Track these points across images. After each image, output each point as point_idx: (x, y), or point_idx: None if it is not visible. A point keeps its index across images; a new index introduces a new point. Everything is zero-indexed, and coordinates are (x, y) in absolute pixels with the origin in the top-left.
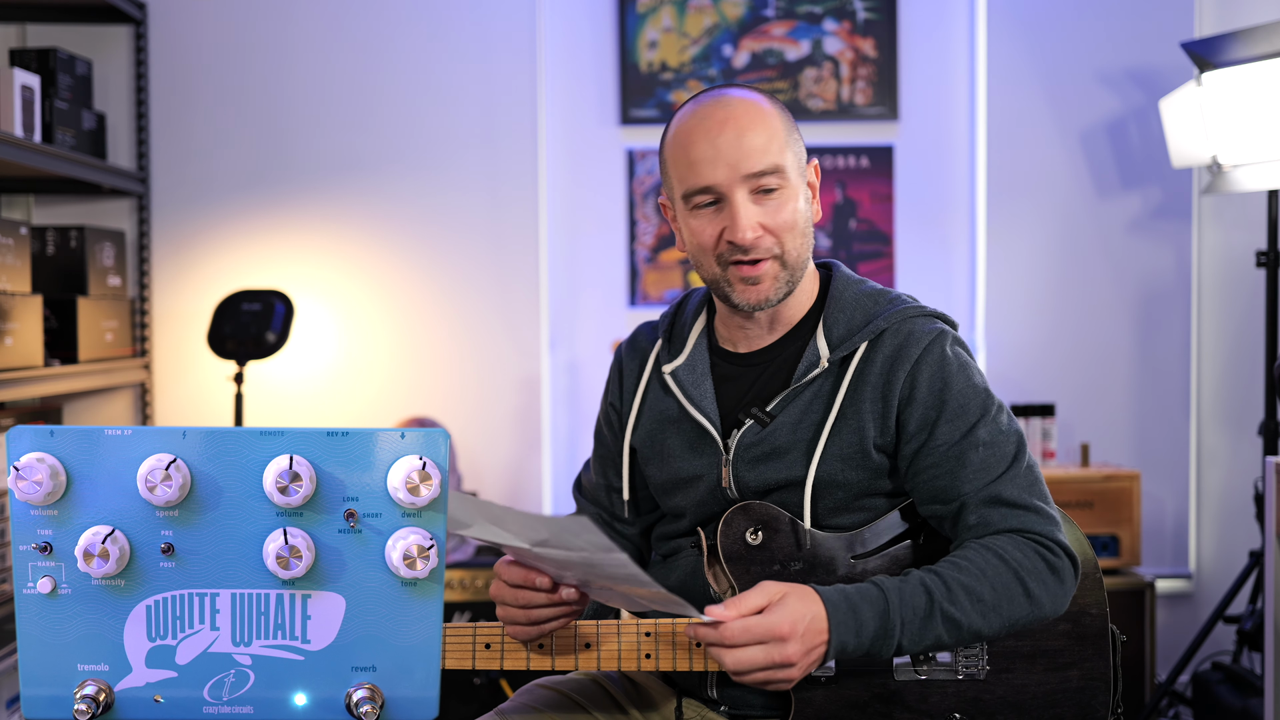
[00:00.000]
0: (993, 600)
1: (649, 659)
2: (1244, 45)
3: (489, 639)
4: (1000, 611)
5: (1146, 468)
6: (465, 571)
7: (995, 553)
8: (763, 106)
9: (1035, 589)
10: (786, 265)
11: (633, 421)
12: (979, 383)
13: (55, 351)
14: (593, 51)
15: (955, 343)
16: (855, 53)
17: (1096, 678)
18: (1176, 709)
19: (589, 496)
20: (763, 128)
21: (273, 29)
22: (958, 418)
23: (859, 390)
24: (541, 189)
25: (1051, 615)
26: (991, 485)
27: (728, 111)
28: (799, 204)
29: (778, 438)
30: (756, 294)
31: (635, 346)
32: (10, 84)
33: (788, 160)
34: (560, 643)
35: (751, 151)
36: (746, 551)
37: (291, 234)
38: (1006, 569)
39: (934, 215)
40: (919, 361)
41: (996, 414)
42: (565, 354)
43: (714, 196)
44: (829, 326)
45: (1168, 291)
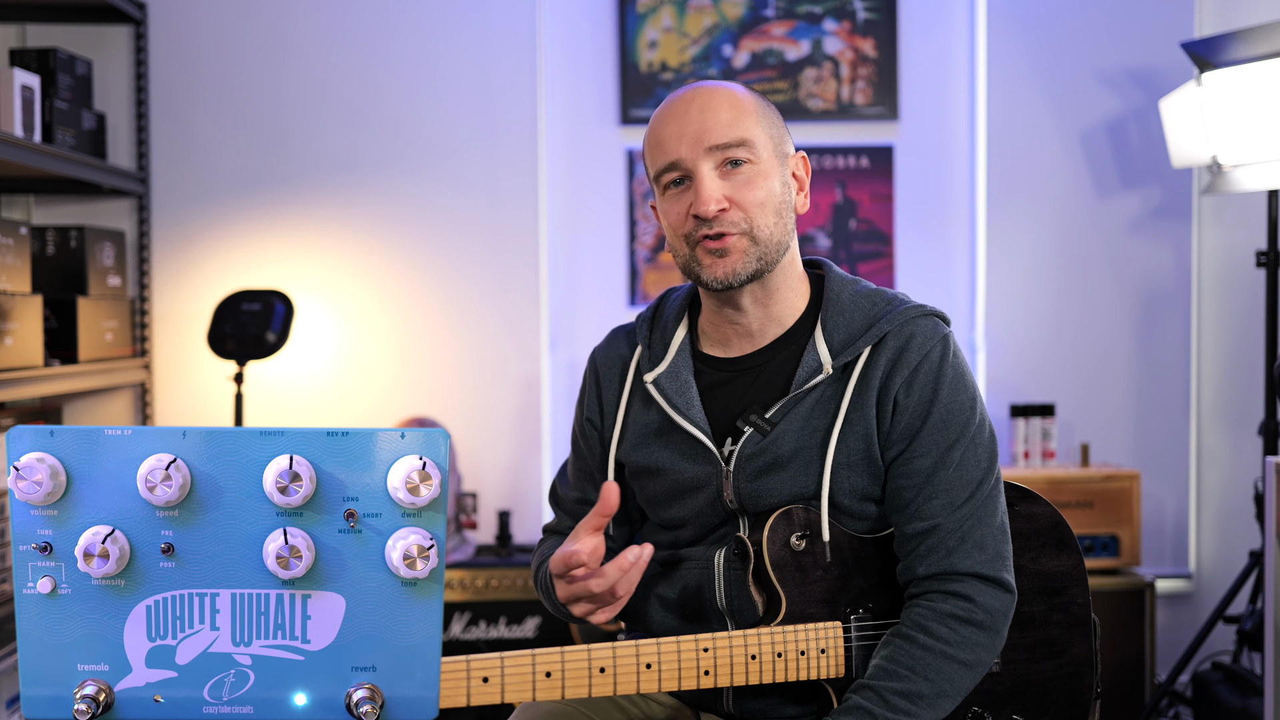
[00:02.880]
0: (932, 691)
1: (708, 675)
2: (1244, 45)
3: (486, 672)
4: (944, 694)
5: (1146, 468)
6: (465, 571)
7: (919, 645)
8: (735, 91)
9: (968, 657)
10: (757, 242)
11: (617, 435)
12: (966, 396)
13: (55, 351)
14: (593, 51)
15: (954, 348)
16: (855, 53)
17: (1082, 661)
18: (1176, 709)
19: (566, 510)
20: (729, 105)
21: (273, 29)
22: (938, 432)
23: (864, 394)
24: (541, 189)
25: (992, 661)
26: (948, 522)
27: (695, 93)
28: (772, 184)
29: (780, 447)
30: (724, 267)
31: (611, 354)
32: (10, 84)
33: (758, 137)
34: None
35: (716, 125)
36: (792, 558)
37: (291, 234)
38: (935, 656)
39: (934, 215)
40: (917, 369)
41: (976, 431)
42: (565, 354)
43: (681, 173)
44: (829, 331)
45: (1168, 291)
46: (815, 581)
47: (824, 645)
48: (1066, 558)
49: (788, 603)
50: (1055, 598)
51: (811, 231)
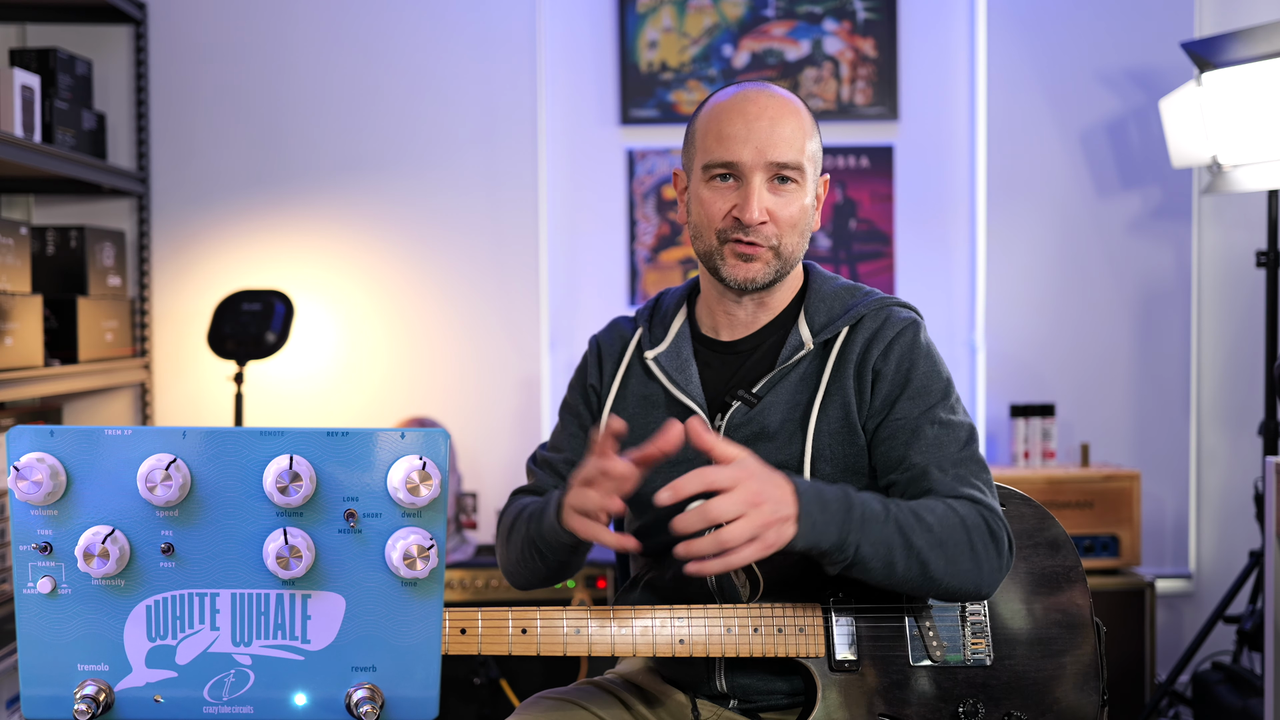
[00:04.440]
0: (940, 536)
1: (683, 644)
2: (1244, 45)
3: (464, 624)
4: (945, 549)
5: (1146, 468)
6: (465, 571)
7: (947, 505)
8: (799, 109)
9: (979, 547)
10: (780, 257)
11: (610, 402)
12: (943, 372)
13: (55, 351)
14: (593, 51)
15: (927, 335)
16: (855, 53)
17: (1086, 665)
18: (1176, 709)
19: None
20: (796, 125)
21: (272, 29)
22: (919, 396)
23: (842, 369)
24: (541, 189)
25: (987, 586)
26: (943, 460)
27: (769, 99)
28: (806, 204)
29: (766, 418)
30: (747, 271)
31: (613, 335)
32: (10, 84)
33: (809, 161)
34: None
35: (781, 141)
36: None
37: (291, 234)
38: (957, 520)
39: (934, 215)
40: (893, 342)
41: (955, 403)
42: (565, 354)
43: (734, 173)
44: (811, 315)
45: (1168, 291)
46: (793, 565)
47: (802, 624)
48: (1061, 558)
49: (765, 583)
50: (1049, 597)
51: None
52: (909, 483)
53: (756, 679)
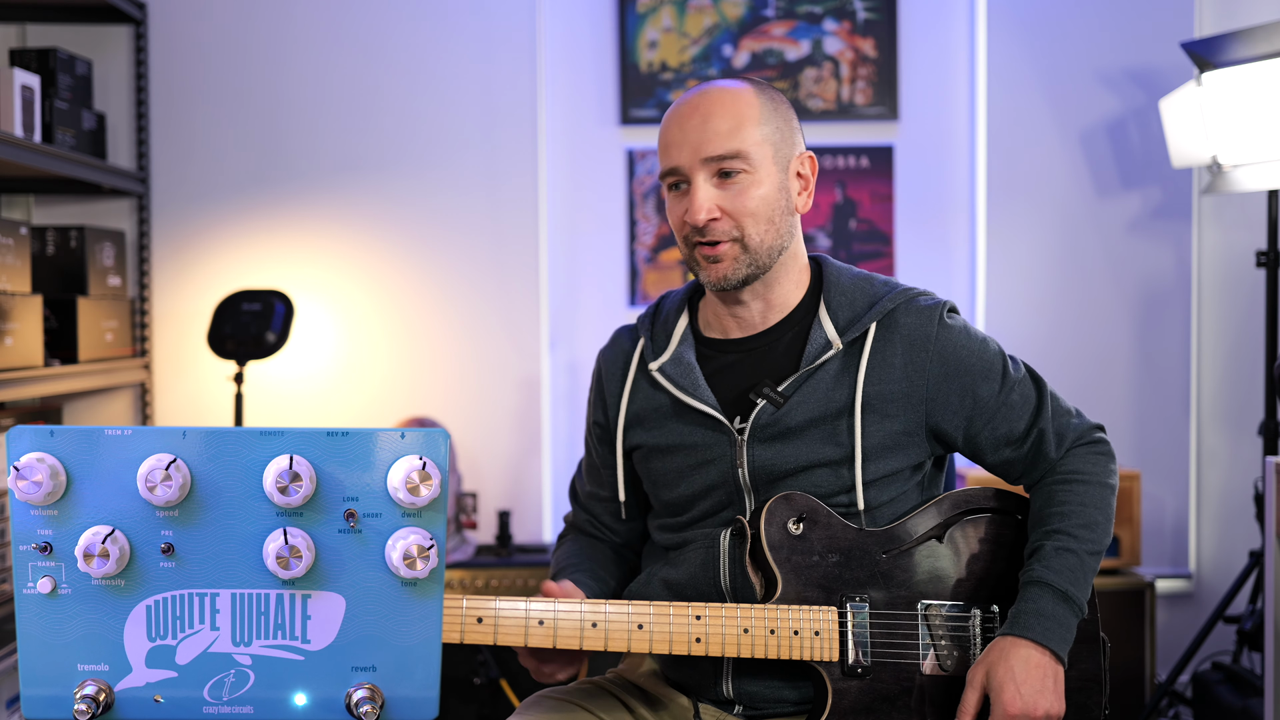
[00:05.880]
0: (1103, 519)
1: (699, 643)
2: (1244, 45)
3: (481, 612)
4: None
5: (1146, 468)
6: (465, 571)
7: (1080, 482)
8: (741, 94)
9: (1113, 481)
10: (748, 249)
11: (622, 422)
12: (989, 341)
13: (55, 351)
14: (593, 51)
15: (952, 311)
16: (855, 53)
17: (1090, 678)
18: (1176, 709)
19: (581, 503)
20: (730, 114)
21: (272, 29)
22: (990, 375)
23: (883, 370)
24: (541, 189)
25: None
26: (1042, 417)
27: (702, 98)
28: (766, 191)
29: (793, 418)
30: (716, 272)
31: (615, 352)
32: (10, 84)
33: (756, 147)
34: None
35: (713, 136)
36: (789, 541)
37: (291, 234)
38: (1094, 487)
39: (934, 215)
40: (937, 339)
41: (1010, 359)
42: (565, 354)
43: (679, 178)
44: (833, 311)
45: (1168, 291)
46: (812, 566)
47: (818, 628)
48: None
49: (783, 585)
50: None
51: (811, 231)
52: (1030, 449)
53: (765, 685)
